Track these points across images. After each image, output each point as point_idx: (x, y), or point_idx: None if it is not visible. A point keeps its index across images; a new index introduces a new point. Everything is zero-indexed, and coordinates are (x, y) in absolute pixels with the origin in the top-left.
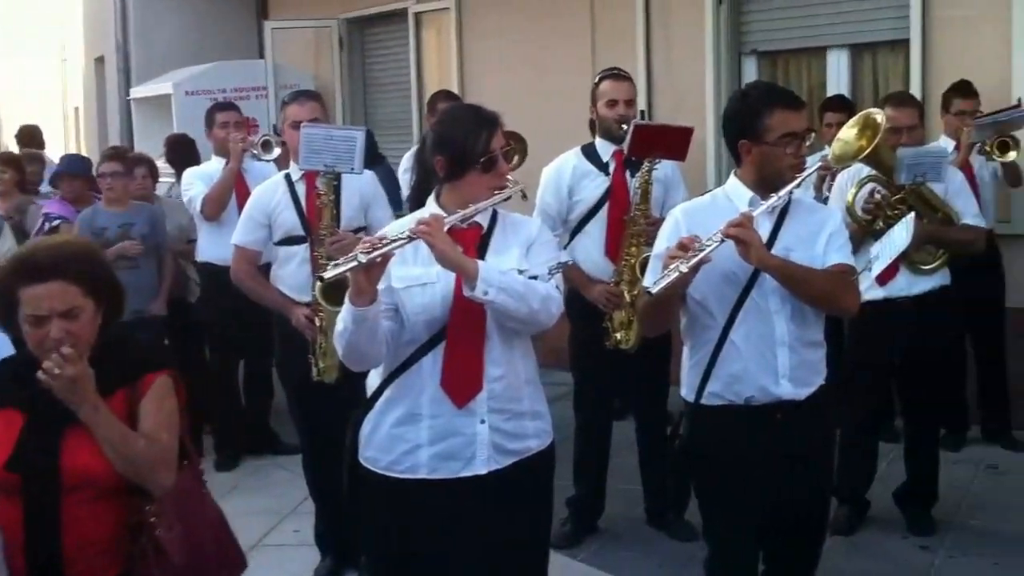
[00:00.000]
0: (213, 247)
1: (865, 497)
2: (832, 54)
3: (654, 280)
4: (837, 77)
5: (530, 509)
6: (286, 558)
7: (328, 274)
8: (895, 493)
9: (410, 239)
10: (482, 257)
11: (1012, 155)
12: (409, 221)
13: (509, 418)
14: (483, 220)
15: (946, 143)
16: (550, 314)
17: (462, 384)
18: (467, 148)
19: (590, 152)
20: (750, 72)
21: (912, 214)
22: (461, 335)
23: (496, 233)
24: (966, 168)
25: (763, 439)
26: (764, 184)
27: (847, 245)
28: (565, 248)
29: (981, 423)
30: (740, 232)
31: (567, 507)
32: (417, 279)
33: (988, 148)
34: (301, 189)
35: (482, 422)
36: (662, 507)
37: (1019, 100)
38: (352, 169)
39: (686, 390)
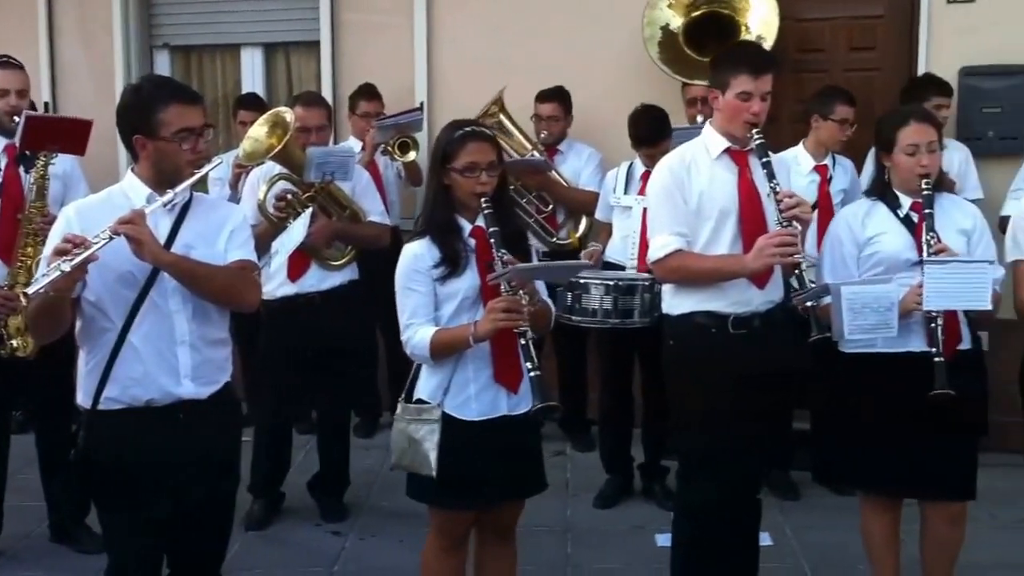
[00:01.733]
0: None
1: (280, 489)
2: (246, 52)
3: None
4: (252, 75)
5: None
6: None
7: None
8: (308, 483)
9: None
10: None
11: (412, 155)
12: None
13: None
14: None
15: (354, 143)
16: None
17: None
18: None
19: None
20: (163, 66)
21: (309, 210)
22: None
23: None
24: (372, 167)
25: (166, 441)
26: (162, 180)
27: (250, 241)
28: None
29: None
30: (130, 229)
31: None
32: None
33: (390, 148)
34: None
35: None
36: (66, 520)
37: (421, 103)
38: None
39: (83, 396)
